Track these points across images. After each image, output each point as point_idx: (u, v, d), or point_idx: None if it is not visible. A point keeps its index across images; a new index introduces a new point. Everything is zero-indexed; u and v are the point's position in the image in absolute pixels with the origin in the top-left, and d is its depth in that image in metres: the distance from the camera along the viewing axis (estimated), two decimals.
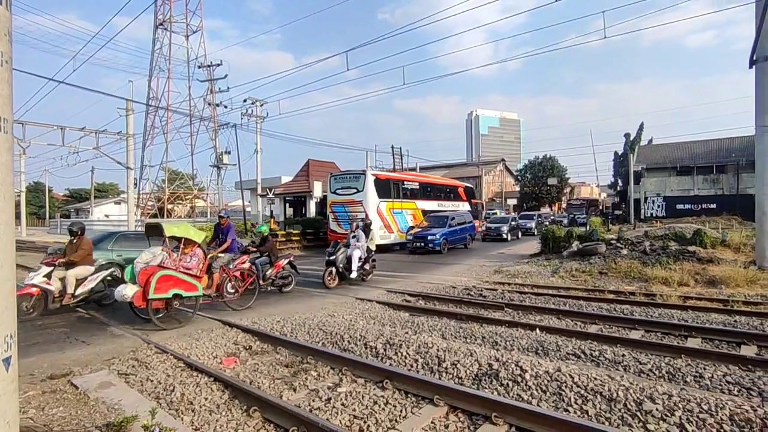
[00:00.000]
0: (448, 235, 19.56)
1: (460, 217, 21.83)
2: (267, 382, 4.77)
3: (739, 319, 7.09)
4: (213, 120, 28.49)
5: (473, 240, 22.56)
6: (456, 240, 20.54)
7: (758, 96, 10.95)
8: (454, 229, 20.28)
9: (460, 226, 20.94)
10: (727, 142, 39.08)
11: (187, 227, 7.60)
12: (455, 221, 20.84)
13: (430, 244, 18.77)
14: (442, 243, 18.79)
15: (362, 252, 11.44)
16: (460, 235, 20.94)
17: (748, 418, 3.37)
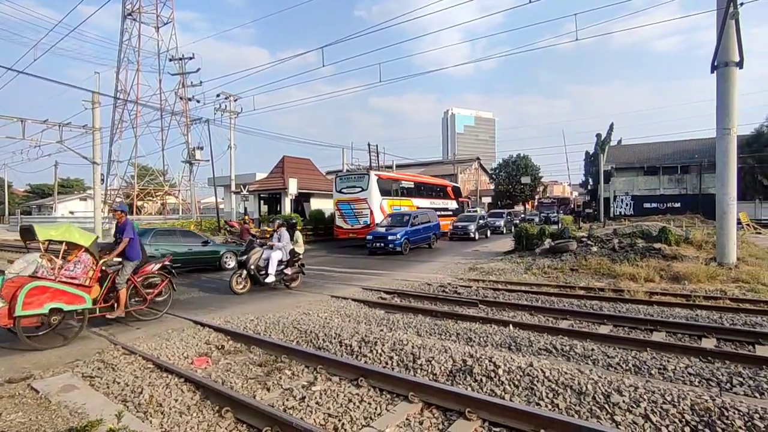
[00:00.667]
0: (411, 234, 18.62)
1: (423, 216, 20.86)
2: (240, 382, 4.69)
3: (701, 313, 7.38)
4: (185, 115, 27.81)
5: (438, 239, 21.67)
6: (419, 240, 19.61)
7: (719, 100, 11.40)
8: (416, 228, 19.31)
9: (423, 225, 19.99)
10: (691, 143, 40.69)
11: (70, 228, 6.40)
12: (418, 220, 19.88)
13: (390, 244, 17.75)
14: (403, 243, 17.81)
15: (284, 254, 10.28)
16: (424, 235, 19.94)
17: (708, 407, 3.51)
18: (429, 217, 21.29)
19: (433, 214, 22.14)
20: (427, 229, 20.21)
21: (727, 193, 11.31)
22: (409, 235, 18.37)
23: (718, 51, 11.09)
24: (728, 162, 11.33)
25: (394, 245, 17.69)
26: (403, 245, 17.80)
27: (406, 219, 19.39)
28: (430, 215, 21.54)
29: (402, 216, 20.00)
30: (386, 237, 17.88)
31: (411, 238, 18.60)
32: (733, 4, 10.42)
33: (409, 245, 18.33)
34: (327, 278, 12.27)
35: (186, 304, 8.93)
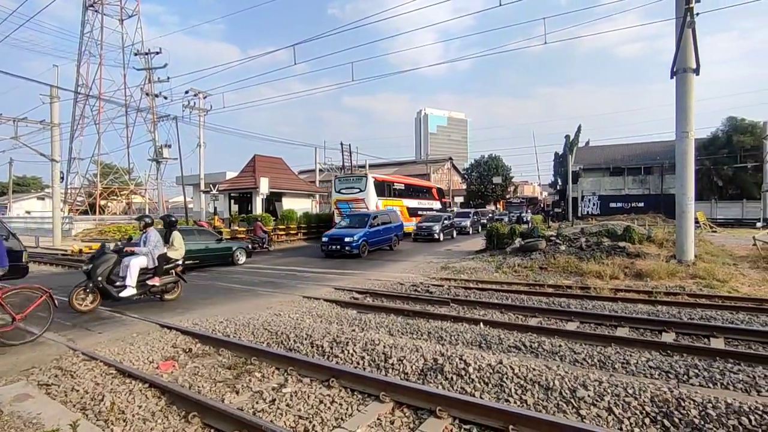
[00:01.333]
0: (369, 236, 17.53)
1: (384, 216, 19.76)
2: (208, 386, 4.57)
3: (661, 308, 7.69)
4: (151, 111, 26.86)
5: (400, 241, 20.58)
6: (379, 242, 18.52)
7: (678, 104, 11.91)
8: (376, 230, 18.18)
9: (383, 226, 18.87)
10: (654, 145, 42.40)
11: None
12: (378, 220, 18.73)
13: (347, 246, 16.59)
14: (361, 245, 16.77)
15: (150, 260, 8.39)
16: (384, 236, 18.84)
17: (666, 398, 3.66)
18: (390, 217, 20.22)
19: (395, 214, 21.16)
20: (388, 231, 19.18)
21: (686, 193, 11.82)
22: (368, 237, 17.36)
23: (676, 58, 11.58)
24: (686, 164, 11.84)
25: (351, 248, 16.58)
26: (361, 248, 16.79)
27: (365, 219, 18.30)
28: (391, 215, 20.51)
29: (361, 216, 19.08)
30: (343, 239, 16.83)
31: (370, 240, 17.59)
32: (689, 14, 10.90)
33: (367, 248, 17.30)
34: (299, 278, 12.14)
35: (152, 306, 8.65)
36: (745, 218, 32.20)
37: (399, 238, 20.37)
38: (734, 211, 35.02)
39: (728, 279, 9.95)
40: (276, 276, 12.58)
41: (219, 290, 10.41)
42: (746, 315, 7.12)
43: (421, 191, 31.56)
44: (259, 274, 13.11)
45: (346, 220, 19.37)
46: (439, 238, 23.36)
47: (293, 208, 28.00)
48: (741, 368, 4.75)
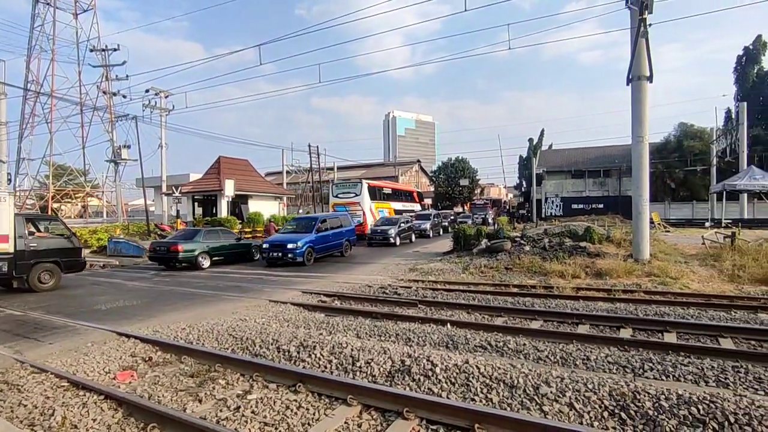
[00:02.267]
0: (316, 242, 16.14)
1: (334, 220, 18.39)
2: (169, 395, 4.41)
3: (619, 305, 8.00)
4: (109, 110, 25.74)
5: (353, 246, 19.16)
6: (328, 248, 17.12)
7: (634, 110, 12.45)
8: (324, 235, 16.79)
9: (333, 231, 17.54)
10: (613, 149, 44.17)
11: None
12: (327, 225, 17.34)
13: (290, 254, 14.99)
14: (305, 252, 15.25)
15: None
16: (334, 242, 17.48)
17: (623, 392, 3.80)
18: (341, 221, 18.85)
19: (345, 218, 19.86)
20: (338, 236, 17.82)
21: (642, 195, 12.36)
22: (314, 243, 15.93)
23: (632, 66, 12.10)
24: (642, 167, 12.39)
25: (295, 255, 15.01)
26: (305, 255, 15.26)
27: (312, 224, 16.78)
28: (342, 219, 19.18)
29: (308, 220, 17.68)
30: (284, 245, 15.19)
31: (317, 245, 16.19)
32: (643, 25, 11.42)
33: (313, 254, 15.87)
34: (265, 282, 11.93)
35: (110, 314, 8.30)
36: (695, 218, 33.98)
37: (352, 243, 19.10)
38: (685, 211, 36.94)
39: (680, 276, 10.47)
40: (242, 280, 12.32)
41: (182, 296, 10.10)
42: (696, 310, 7.52)
43: (404, 195, 34.31)
44: (224, 278, 12.81)
45: (293, 224, 18.04)
46: (395, 242, 21.99)
47: (260, 210, 27.54)
48: (691, 361, 5.01)
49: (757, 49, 39.81)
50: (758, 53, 39.71)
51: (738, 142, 31.40)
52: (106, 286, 11.95)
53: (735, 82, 41.41)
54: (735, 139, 32.15)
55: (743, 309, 7.56)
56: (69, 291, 10.99)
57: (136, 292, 10.83)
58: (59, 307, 8.91)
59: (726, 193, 25.95)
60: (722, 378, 4.52)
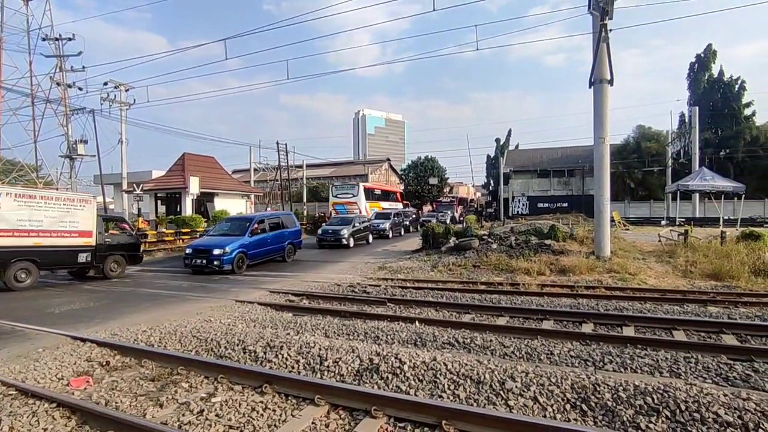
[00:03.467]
0: (250, 246, 13.97)
1: (274, 220, 16.11)
2: (128, 401, 4.23)
3: (582, 301, 8.28)
4: (64, 103, 24.44)
5: (297, 250, 16.95)
6: (265, 252, 14.97)
7: (596, 112, 12.91)
8: (261, 238, 14.69)
9: (273, 233, 15.41)
10: (576, 149, 45.59)
11: None
12: (264, 225, 15.14)
13: (216, 260, 12.83)
14: (235, 259, 13.14)
15: None
16: (273, 246, 15.32)
17: (584, 385, 3.92)
18: (284, 221, 16.56)
19: (289, 218, 17.55)
20: (278, 238, 15.66)
21: (603, 194, 12.82)
22: (247, 248, 13.77)
23: (594, 69, 12.52)
24: (603, 167, 12.85)
25: (222, 262, 12.83)
26: (235, 262, 13.15)
27: (246, 225, 14.55)
28: (285, 219, 16.89)
29: (241, 221, 15.33)
30: (210, 251, 13.07)
31: (251, 251, 14.03)
32: (604, 30, 11.85)
33: (246, 261, 13.75)
34: (231, 282, 11.67)
35: (64, 317, 7.90)
36: (652, 217, 35.58)
37: (297, 246, 16.97)
38: (643, 210, 38.59)
39: (638, 272, 10.93)
40: (207, 280, 11.99)
41: (143, 297, 9.75)
42: (652, 304, 7.86)
43: (390, 195, 37.62)
44: (189, 278, 12.44)
45: (225, 225, 15.45)
46: (349, 244, 20.25)
47: (226, 208, 26.91)
48: (647, 353, 5.23)
49: (708, 57, 42.04)
50: (709, 61, 41.93)
51: (691, 144, 33.11)
52: (61, 288, 11.38)
53: (688, 87, 43.57)
54: (688, 142, 33.87)
55: (694, 303, 7.98)
56: (19, 294, 10.37)
57: (93, 293, 10.36)
58: (8, 311, 8.39)
59: (680, 192, 27.30)
60: (675, 368, 4.74)
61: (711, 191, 25.90)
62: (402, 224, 28.74)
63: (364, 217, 24.93)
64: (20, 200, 10.72)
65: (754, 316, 7.05)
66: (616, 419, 3.54)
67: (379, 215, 28.48)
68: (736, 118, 39.21)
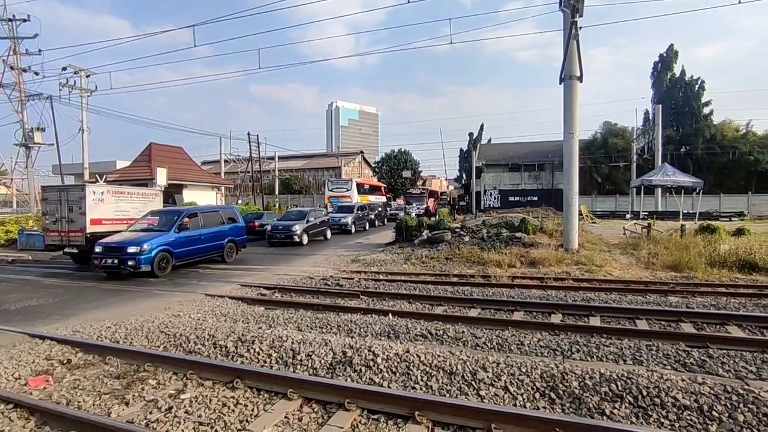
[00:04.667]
0: (177, 244, 11.85)
1: (210, 215, 13.77)
2: (91, 400, 4.08)
3: (551, 293, 8.49)
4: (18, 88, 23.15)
5: (240, 249, 14.76)
6: (198, 251, 12.76)
7: (566, 108, 13.19)
8: (191, 235, 12.45)
9: (207, 230, 13.10)
10: (547, 144, 46.65)
11: None
12: (197, 221, 12.90)
13: (131, 260, 10.65)
14: (156, 259, 11.03)
15: None
16: (207, 244, 13.07)
17: (553, 374, 4.03)
18: (221, 216, 14.27)
19: (230, 212, 15.16)
20: (215, 236, 13.44)
21: (572, 188, 13.15)
22: (172, 246, 11.71)
23: (564, 66, 12.78)
24: (572, 161, 13.17)
25: (138, 262, 10.67)
26: (155, 262, 11.05)
27: (174, 219, 12.34)
28: (224, 214, 14.57)
29: (168, 215, 12.89)
30: (124, 249, 10.84)
31: (178, 249, 11.92)
32: (574, 27, 12.09)
33: (171, 261, 11.65)
34: (201, 276, 11.39)
35: (21, 314, 7.54)
36: (618, 210, 36.81)
37: (239, 245, 14.64)
38: (610, 204, 39.91)
39: (604, 264, 11.30)
40: (175, 275, 11.64)
41: (107, 292, 9.40)
42: (617, 295, 8.14)
43: (376, 189, 40.66)
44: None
45: (155, 219, 12.97)
46: (302, 241, 18.19)
47: (196, 200, 26.24)
48: (612, 341, 5.42)
49: (670, 57, 43.69)
50: (671, 61, 43.60)
51: (654, 141, 34.36)
52: (17, 283, 10.83)
53: (652, 86, 45.21)
54: (652, 139, 35.15)
55: (656, 293, 8.31)
56: None
57: (53, 289, 9.91)
58: None
59: (644, 187, 28.34)
60: (638, 356, 4.94)
61: (672, 186, 26.99)
62: (366, 218, 27.06)
63: (322, 210, 22.90)
64: (116, 195, 13.67)
65: (709, 305, 7.41)
66: (583, 406, 3.65)
67: (341, 208, 26.57)
68: (696, 117, 40.99)
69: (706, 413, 3.42)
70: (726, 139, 39.19)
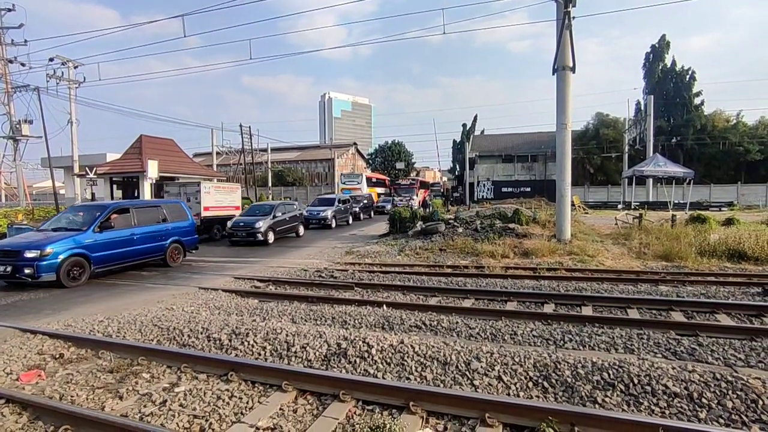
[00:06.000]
0: (97, 246, 9.73)
1: (147, 211, 11.43)
2: (84, 394, 4.06)
3: (544, 283, 8.55)
4: (5, 79, 22.71)
5: (188, 252, 12.49)
6: (128, 254, 10.47)
7: (558, 98, 13.19)
8: (118, 235, 10.21)
9: (142, 228, 10.85)
10: (540, 135, 46.73)
11: None
12: (127, 219, 10.60)
13: (26, 267, 8.72)
14: (64, 265, 9.04)
15: None
16: (144, 245, 10.84)
17: (546, 363, 4.07)
18: (163, 212, 11.75)
19: (175, 208, 12.43)
20: (155, 235, 11.22)
21: (564, 179, 13.20)
22: (89, 249, 9.60)
23: (557, 56, 12.76)
24: (565, 153, 13.21)
25: (38, 270, 8.73)
26: (62, 269, 9.03)
27: (96, 215, 10.11)
28: (167, 209, 11.97)
29: (91, 210, 10.67)
30: (20, 254, 8.86)
31: (97, 253, 9.72)
32: (567, 18, 12.06)
33: (89, 268, 9.58)
34: (194, 269, 11.34)
35: (11, 308, 7.46)
36: (610, 201, 37.09)
37: (187, 246, 12.38)
38: (602, 195, 40.18)
39: (596, 254, 11.40)
40: (168, 268, 11.58)
41: (98, 286, 9.30)
42: (609, 285, 8.23)
43: (381, 182, 44.23)
44: (147, 265, 11.96)
45: (67, 216, 10.85)
46: (266, 239, 16.13)
47: None
48: (604, 331, 5.48)
49: (662, 48, 43.75)
50: (663, 51, 43.67)
51: (646, 132, 34.56)
52: None
53: (644, 77, 45.29)
54: (643, 130, 35.35)
55: (647, 282, 8.41)
56: None
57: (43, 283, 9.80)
58: None
59: (635, 177, 28.55)
60: (629, 345, 5.00)
61: (663, 176, 27.24)
62: (349, 211, 25.20)
63: (293, 204, 20.02)
64: (216, 189, 18.61)
65: (699, 293, 7.51)
66: (575, 394, 3.70)
67: (321, 201, 24.75)
68: (687, 107, 41.21)
69: (695, 400, 3.47)
70: (716, 129, 39.48)
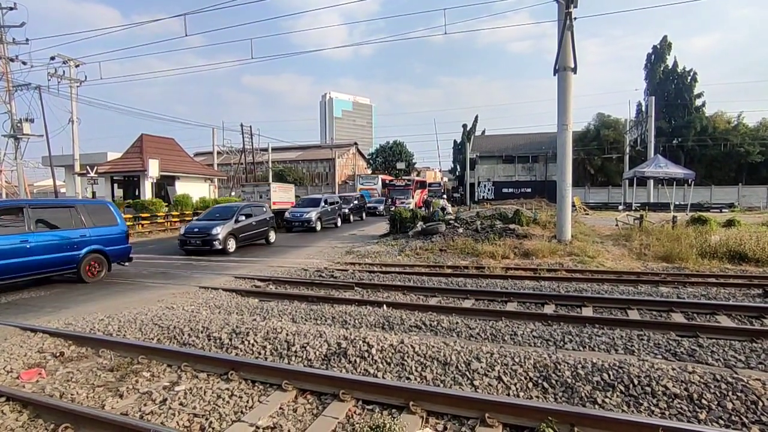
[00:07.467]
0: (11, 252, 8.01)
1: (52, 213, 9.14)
2: (84, 393, 4.07)
3: (544, 284, 8.54)
4: (6, 78, 22.73)
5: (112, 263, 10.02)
6: (27, 266, 8.30)
7: (559, 99, 13.18)
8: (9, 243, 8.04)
9: (44, 235, 8.65)
10: (540, 136, 46.74)
11: None
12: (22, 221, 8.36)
13: None
14: None
15: None
16: (46, 256, 8.61)
17: (546, 363, 4.07)
18: (78, 215, 9.36)
19: (100, 209, 10.12)
20: (62, 245, 8.93)
21: (565, 180, 13.20)
22: None
23: (558, 57, 12.76)
24: (566, 153, 13.20)
25: None
26: None
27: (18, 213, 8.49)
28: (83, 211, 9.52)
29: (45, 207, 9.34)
30: None
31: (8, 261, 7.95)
32: (569, 18, 12.05)
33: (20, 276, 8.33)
34: (195, 268, 11.34)
35: (11, 306, 7.47)
36: (610, 202, 37.11)
37: (114, 256, 10.10)
38: (602, 195, 40.19)
39: (597, 255, 11.40)
40: (169, 266, 11.60)
41: (99, 285, 9.32)
42: (609, 286, 8.22)
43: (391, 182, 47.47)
44: (148, 265, 11.99)
45: None
46: (226, 248, 13.74)
47: (188, 192, 26.06)
48: (604, 331, 5.48)
49: (664, 49, 43.74)
50: (664, 52, 43.65)
51: (647, 133, 34.54)
52: None
53: (645, 77, 45.29)
54: (644, 130, 35.33)
55: (648, 283, 8.40)
56: None
57: (44, 281, 9.82)
58: None
59: (636, 179, 28.53)
60: (629, 346, 4.99)
61: (664, 178, 27.20)
62: (337, 212, 23.59)
63: (263, 206, 17.11)
64: (279, 189, 23.84)
65: (699, 295, 7.51)
66: (575, 395, 3.69)
67: (305, 202, 23.20)
68: (688, 108, 41.20)
69: (696, 401, 3.47)
70: (717, 131, 39.45)
